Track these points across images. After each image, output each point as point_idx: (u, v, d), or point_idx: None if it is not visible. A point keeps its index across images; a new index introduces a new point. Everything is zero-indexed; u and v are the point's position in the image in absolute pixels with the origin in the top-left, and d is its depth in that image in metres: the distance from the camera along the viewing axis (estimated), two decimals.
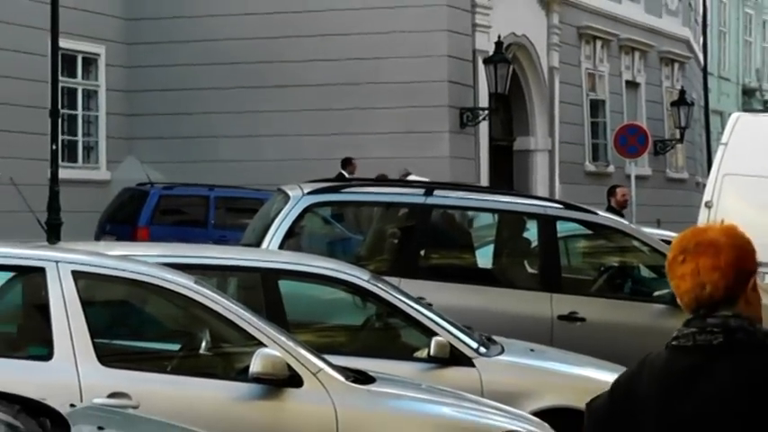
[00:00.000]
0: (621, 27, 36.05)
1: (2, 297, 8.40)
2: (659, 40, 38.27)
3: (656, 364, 3.85)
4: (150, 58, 28.82)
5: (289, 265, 9.91)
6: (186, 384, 7.75)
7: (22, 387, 6.24)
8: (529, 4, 31.13)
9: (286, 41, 27.66)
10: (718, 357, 3.75)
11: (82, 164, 28.16)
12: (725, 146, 16.36)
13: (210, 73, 28.15)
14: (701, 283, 3.84)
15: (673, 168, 38.46)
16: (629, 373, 3.94)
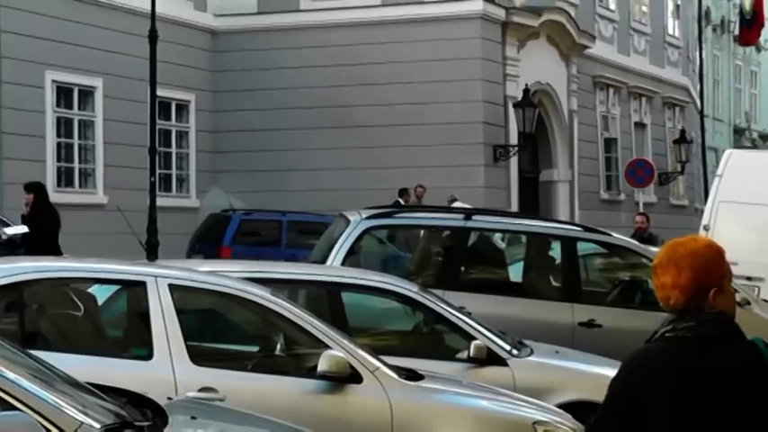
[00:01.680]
0: (630, 76, 36.04)
1: (110, 306, 8.45)
2: (663, 88, 38.24)
3: (664, 350, 4.13)
4: (232, 103, 28.96)
5: (350, 279, 9.88)
6: (264, 380, 7.74)
7: (127, 383, 6.25)
8: (551, 56, 31.13)
9: (347, 89, 27.74)
10: (716, 342, 4.10)
11: (175, 193, 28.28)
12: (720, 177, 16.31)
13: (284, 116, 28.25)
14: (666, 296, 4.14)
15: (675, 196, 38.35)
16: (639, 358, 4.18)
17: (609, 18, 35.52)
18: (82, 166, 26.02)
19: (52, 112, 25.18)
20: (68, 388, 5.48)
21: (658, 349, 4.19)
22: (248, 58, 28.75)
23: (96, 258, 9.01)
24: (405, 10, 27.90)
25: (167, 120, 27.71)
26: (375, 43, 27.79)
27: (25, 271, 8.11)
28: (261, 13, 29.23)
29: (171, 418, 5.56)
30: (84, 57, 25.22)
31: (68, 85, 25.51)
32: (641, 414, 4.13)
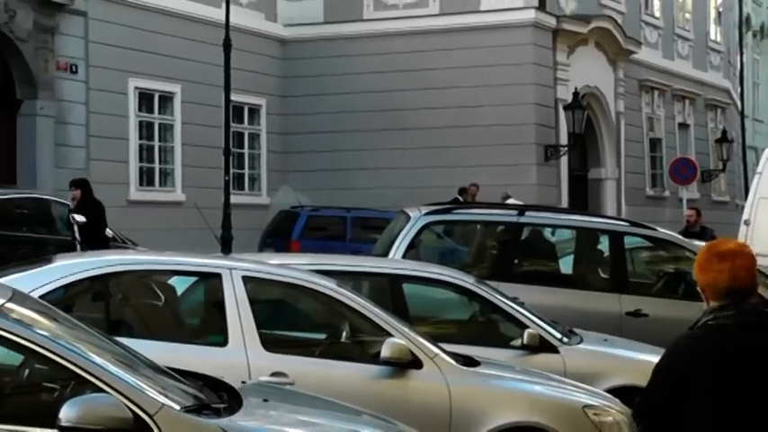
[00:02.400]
0: (674, 79, 35.78)
1: (188, 296, 8.52)
2: (705, 90, 37.93)
3: (706, 336, 4.43)
4: (301, 107, 29.03)
5: (410, 271, 9.90)
6: (331, 366, 7.78)
7: (204, 367, 6.30)
8: (599, 61, 30.96)
9: (408, 93, 27.75)
10: (753, 330, 4.39)
11: (248, 191, 28.39)
12: (759, 174, 16.12)
13: (348, 119, 28.31)
14: (734, 277, 4.39)
15: (717, 193, 38.01)
16: (683, 343, 4.53)
17: (654, 25, 35.29)
18: (162, 166, 26.20)
19: (135, 117, 25.38)
20: (150, 372, 5.54)
21: (700, 335, 4.48)
22: (315, 64, 28.82)
23: (175, 252, 9.09)
24: (461, 19, 27.85)
25: (240, 123, 27.82)
26: (433, 50, 27.75)
27: (111, 264, 8.22)
28: (327, 22, 29.30)
29: (245, 401, 5.61)
30: (164, 65, 25.40)
31: (150, 91, 25.70)
32: (683, 390, 4.42)
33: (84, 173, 23.56)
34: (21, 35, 22.55)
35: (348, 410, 6.22)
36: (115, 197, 23.72)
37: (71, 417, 4.74)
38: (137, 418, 4.90)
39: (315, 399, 6.37)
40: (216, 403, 5.48)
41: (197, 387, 5.67)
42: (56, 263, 8.09)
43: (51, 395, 5.21)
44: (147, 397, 5.05)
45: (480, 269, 12.42)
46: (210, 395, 5.61)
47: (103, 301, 8.10)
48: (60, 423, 4.75)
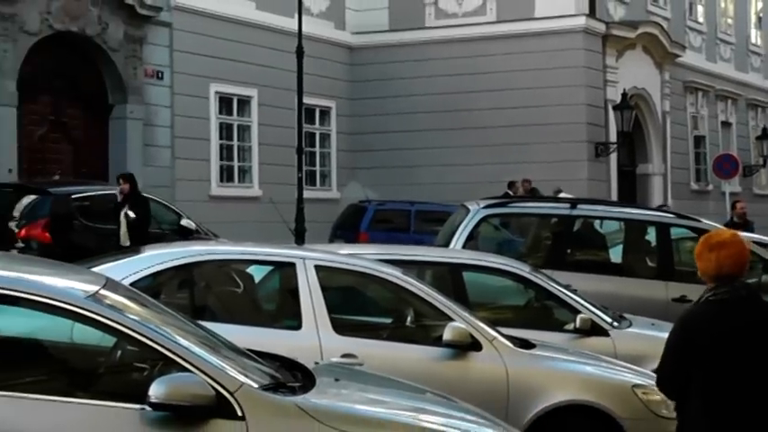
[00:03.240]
0: (717, 81, 35.52)
1: (265, 284, 8.57)
2: (746, 90, 37.60)
3: (708, 310, 5.14)
4: (368, 109, 29.11)
5: (470, 260, 9.89)
6: (397, 348, 7.79)
7: (280, 349, 6.33)
8: (646, 64, 30.76)
9: (467, 95, 27.74)
10: (744, 303, 5.14)
11: (319, 187, 28.50)
12: None
13: (412, 119, 28.35)
14: (720, 265, 5.13)
15: (758, 186, 37.64)
16: (689, 316, 5.23)
17: (698, 30, 35.03)
18: (240, 164, 26.37)
19: (216, 119, 25.56)
20: (231, 353, 5.58)
21: (703, 308, 5.17)
22: (381, 69, 28.88)
23: (253, 243, 9.14)
24: (517, 25, 27.78)
25: (312, 124, 27.92)
26: (491, 55, 27.73)
27: (195, 254, 8.27)
28: (392, 30, 29.35)
29: (318, 380, 5.63)
30: (242, 71, 25.54)
31: (229, 95, 25.86)
32: (691, 357, 5.09)
33: (169, 171, 23.82)
34: (112, 45, 22.78)
35: (413, 389, 6.23)
36: (198, 193, 23.95)
37: (160, 394, 4.80)
38: (219, 395, 4.94)
39: (382, 378, 6.39)
40: (291, 382, 5.51)
41: (274, 367, 5.70)
42: (144, 253, 8.17)
43: (141, 374, 5.26)
44: (228, 376, 5.09)
45: (535, 258, 12.38)
46: (286, 375, 5.64)
47: (188, 288, 8.17)
48: (150, 399, 4.81)
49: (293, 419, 5.06)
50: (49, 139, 22.23)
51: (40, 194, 17.14)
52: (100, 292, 5.29)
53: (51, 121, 22.32)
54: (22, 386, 4.94)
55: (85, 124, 22.94)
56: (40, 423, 4.76)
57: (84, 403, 4.90)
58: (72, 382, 5.35)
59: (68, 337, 5.41)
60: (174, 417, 4.84)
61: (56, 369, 5.51)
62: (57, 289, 5.20)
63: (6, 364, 5.28)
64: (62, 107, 22.50)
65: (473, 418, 5.83)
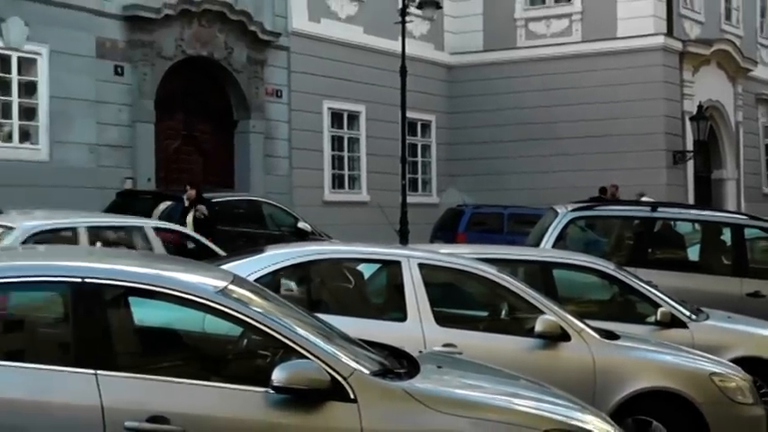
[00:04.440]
0: None
1: (373, 280, 8.57)
2: None
3: None
4: (465, 122, 29.10)
5: (559, 259, 9.78)
6: (493, 339, 7.72)
7: (387, 339, 6.33)
8: (720, 78, 30.27)
9: (556, 109, 27.57)
10: None
11: (420, 192, 28.51)
12: None
13: (505, 131, 28.26)
14: None
15: None
16: None
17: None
18: (350, 172, 26.50)
19: (328, 132, 25.72)
20: (344, 342, 5.60)
21: None
22: (477, 86, 28.85)
23: (362, 243, 9.16)
24: (600, 45, 27.51)
25: (414, 135, 27.95)
26: (577, 72, 27.53)
27: (311, 253, 8.33)
28: (486, 50, 29.30)
29: (422, 367, 5.63)
30: (352, 89, 25.68)
31: (340, 110, 26.01)
32: None
33: (287, 179, 24.04)
34: (237, 67, 23.06)
35: (508, 376, 6.20)
36: (313, 198, 24.14)
37: (281, 378, 4.85)
38: (333, 380, 4.97)
39: (480, 366, 6.37)
40: (398, 369, 5.51)
41: (382, 355, 5.71)
42: (267, 252, 8.23)
43: (265, 361, 5.30)
44: (341, 362, 5.11)
45: (619, 257, 12.21)
46: (393, 362, 5.65)
47: (305, 283, 8.22)
48: (273, 383, 4.86)
49: (400, 402, 5.07)
50: (182, 152, 22.59)
51: (174, 201, 17.40)
52: (228, 287, 5.35)
53: (184, 136, 22.67)
54: (161, 370, 5.03)
55: (214, 138, 23.25)
56: (178, 403, 4.83)
57: (215, 386, 4.97)
58: (204, 368, 5.42)
59: (200, 327, 5.48)
60: (294, 399, 4.89)
61: (190, 356, 5.59)
62: (190, 284, 5.27)
63: (147, 351, 5.38)
64: (193, 123, 22.84)
65: (563, 402, 5.79)
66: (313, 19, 25.23)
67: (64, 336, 5.15)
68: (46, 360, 4.94)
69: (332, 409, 4.93)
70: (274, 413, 4.88)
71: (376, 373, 5.25)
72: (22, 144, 19.09)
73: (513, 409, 5.37)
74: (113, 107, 20.58)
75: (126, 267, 5.38)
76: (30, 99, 19.23)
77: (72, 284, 5.04)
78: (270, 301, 5.64)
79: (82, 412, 4.72)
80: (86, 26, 19.98)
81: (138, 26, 20.90)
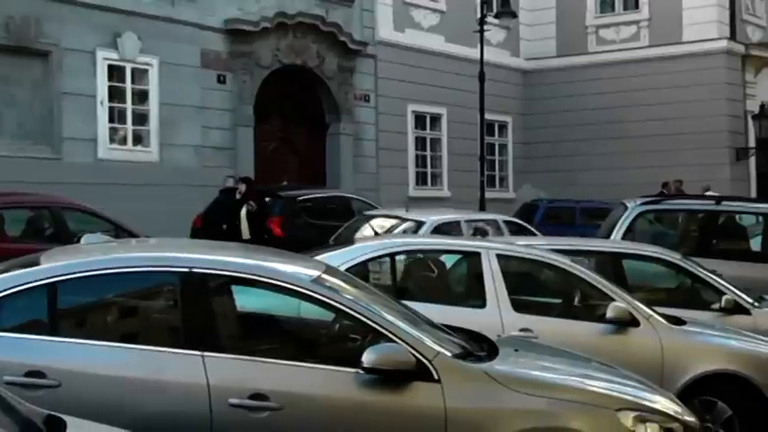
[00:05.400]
0: None
1: (455, 269, 8.56)
2: None
3: None
4: (539, 123, 28.87)
5: (628, 249, 9.69)
6: (566, 324, 7.64)
7: (468, 324, 6.32)
8: None
9: (624, 109, 27.20)
10: None
11: (498, 188, 28.31)
12: None
13: (577, 131, 27.98)
14: None
15: None
16: None
17: None
18: (432, 170, 26.46)
19: (412, 133, 25.72)
20: (428, 327, 5.61)
21: None
22: (550, 89, 28.61)
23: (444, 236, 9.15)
24: (666, 49, 27.05)
25: (491, 135, 27.80)
26: (644, 75, 27.14)
27: (397, 245, 8.36)
28: (559, 55, 29.01)
29: (500, 350, 5.62)
30: (434, 93, 25.64)
31: (423, 113, 25.98)
32: None
33: (375, 177, 24.10)
34: (328, 74, 23.18)
35: (581, 359, 6.15)
36: (398, 194, 24.13)
37: (371, 360, 4.87)
38: (419, 362, 4.98)
39: (554, 349, 6.33)
40: (478, 352, 5.51)
41: (463, 339, 5.71)
42: (356, 244, 8.29)
43: (355, 344, 5.33)
44: (426, 346, 5.12)
45: (685, 247, 11.99)
46: (473, 345, 5.64)
47: (392, 272, 8.25)
48: (363, 365, 4.88)
49: (480, 383, 5.06)
50: (279, 152, 22.76)
51: (273, 197, 17.54)
52: (321, 276, 5.39)
53: (280, 138, 22.85)
54: (261, 352, 5.08)
55: (307, 140, 23.40)
56: (277, 382, 4.88)
57: (309, 367, 5.01)
58: (300, 350, 5.47)
59: (296, 313, 5.54)
60: (382, 379, 4.90)
61: (287, 339, 5.65)
62: (287, 273, 5.32)
63: (248, 335, 5.45)
64: (289, 126, 23.01)
65: (633, 384, 5.74)
66: (398, 29, 25.25)
67: (174, 321, 5.24)
68: (158, 343, 5.04)
69: (417, 388, 4.94)
70: (364, 392, 4.90)
71: (458, 355, 5.25)
72: (135, 147, 19.42)
73: (587, 390, 5.33)
74: (216, 112, 20.83)
75: (229, 258, 5.45)
76: (142, 106, 19.55)
77: (181, 274, 5.12)
78: (360, 289, 5.67)
79: (190, 390, 4.80)
80: (192, 39, 20.26)
81: (238, 38, 21.12)
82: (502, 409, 4.99)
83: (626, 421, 5.17)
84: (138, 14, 19.14)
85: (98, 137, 18.63)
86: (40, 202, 13.25)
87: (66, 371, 4.78)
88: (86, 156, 18.39)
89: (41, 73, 17.85)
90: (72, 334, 5.06)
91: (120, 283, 5.31)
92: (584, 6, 28.73)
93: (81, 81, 18.29)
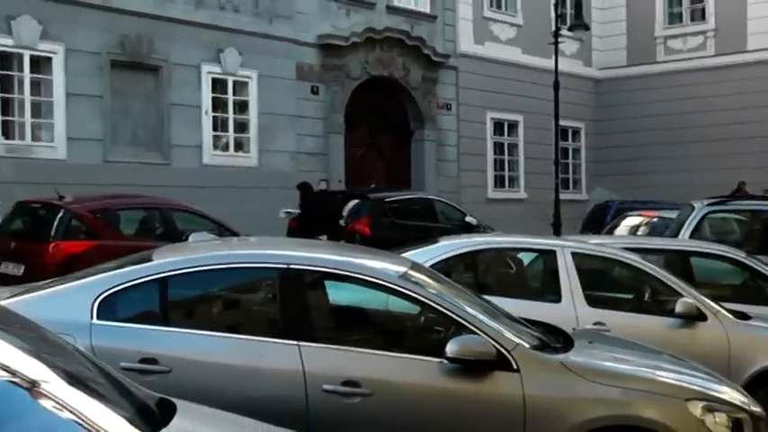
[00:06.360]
0: None
1: (531, 266, 8.47)
2: None
3: None
4: (610, 128, 28.53)
5: (696, 248, 9.46)
6: (637, 318, 7.50)
7: (544, 318, 6.27)
8: None
9: (692, 115, 26.75)
10: None
11: (571, 190, 28.06)
12: None
13: (646, 136, 27.61)
14: None
15: None
16: None
17: None
18: (510, 173, 26.29)
19: (491, 139, 25.61)
20: (507, 320, 5.57)
21: None
22: (621, 97, 28.27)
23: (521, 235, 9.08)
24: (732, 58, 26.50)
25: (565, 141, 27.55)
26: (710, 82, 26.63)
27: (478, 243, 8.32)
28: (629, 65, 28.63)
29: (575, 342, 5.56)
30: (511, 101, 25.49)
31: (501, 120, 25.85)
32: None
33: (456, 180, 24.06)
34: (413, 85, 23.20)
35: (652, 351, 6.05)
36: (478, 196, 24.08)
37: (454, 350, 4.86)
38: (499, 352, 4.95)
39: (626, 342, 6.24)
40: (554, 344, 5.46)
41: (540, 332, 5.66)
42: (440, 243, 8.26)
43: (439, 335, 5.32)
44: (506, 337, 5.09)
45: (749, 246, 11.71)
46: (550, 338, 5.59)
47: (473, 269, 8.21)
48: (447, 355, 4.87)
49: (557, 373, 5.01)
50: (367, 158, 22.85)
51: (361, 199, 17.61)
52: (408, 272, 5.39)
53: (369, 144, 22.94)
54: (352, 342, 5.10)
55: (393, 146, 23.45)
56: (367, 370, 4.89)
57: (397, 356, 5.01)
58: (388, 340, 5.48)
59: (384, 306, 5.54)
60: (464, 368, 4.89)
61: (376, 330, 5.66)
62: (376, 269, 5.33)
63: (340, 326, 5.47)
64: (376, 133, 23.09)
65: (701, 375, 5.63)
66: (478, 42, 25.17)
67: (273, 313, 5.28)
68: (258, 333, 5.09)
69: (498, 377, 4.92)
70: (448, 380, 4.89)
71: (535, 347, 5.21)
72: (236, 153, 19.69)
73: (657, 380, 5.24)
74: (310, 121, 21.00)
75: (323, 255, 5.47)
76: (242, 115, 19.81)
77: (279, 270, 5.16)
78: (443, 284, 5.66)
79: (288, 376, 4.84)
80: (288, 54, 20.45)
81: (330, 52, 21.27)
82: (577, 398, 4.93)
83: (695, 411, 5.08)
84: (239, 32, 19.39)
85: (203, 144, 18.93)
86: (151, 204, 13.44)
87: (176, 358, 4.86)
88: (192, 161, 18.70)
89: (153, 86, 18.20)
90: (181, 324, 5.14)
91: (224, 278, 5.38)
92: (653, 18, 28.30)
93: (188, 93, 18.60)
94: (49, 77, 16.60)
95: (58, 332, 4.00)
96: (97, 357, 4.02)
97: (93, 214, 12.22)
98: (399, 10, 23.07)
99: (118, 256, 6.00)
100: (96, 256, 8.70)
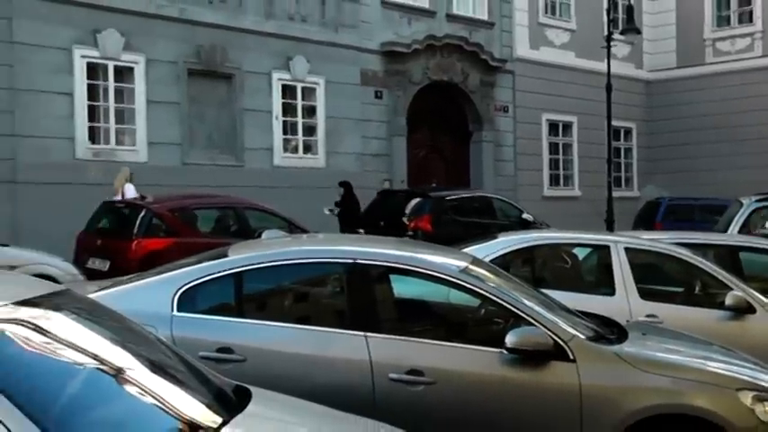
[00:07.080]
0: None
1: (586, 261, 8.40)
2: None
3: None
4: (661, 128, 28.11)
5: (744, 243, 9.29)
6: (688, 311, 7.36)
7: (599, 311, 6.21)
8: None
9: (740, 114, 26.22)
10: None
11: (624, 188, 27.67)
12: None
13: (696, 135, 27.15)
14: None
15: None
16: None
17: None
18: (564, 172, 26.04)
19: (546, 139, 25.39)
20: (563, 313, 5.52)
21: None
22: (671, 97, 27.84)
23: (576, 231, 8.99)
24: None
25: (617, 140, 27.17)
26: (758, 83, 26.07)
27: (535, 239, 8.25)
28: (679, 67, 28.14)
29: (629, 334, 5.49)
30: (565, 103, 25.25)
31: (556, 121, 25.62)
32: None
33: (513, 179, 23.91)
34: (472, 89, 23.12)
35: (702, 342, 5.95)
36: (534, 194, 23.91)
37: (514, 341, 4.84)
38: (556, 343, 4.92)
39: (678, 333, 6.15)
40: (609, 335, 5.40)
41: (595, 324, 5.60)
42: (499, 238, 8.22)
43: (498, 327, 5.30)
44: (562, 329, 5.05)
45: None
46: (605, 329, 5.53)
47: (530, 263, 8.15)
48: (506, 345, 4.85)
49: (611, 363, 4.96)
50: (428, 159, 22.83)
51: (423, 197, 17.60)
52: (468, 266, 5.37)
53: (429, 146, 22.91)
54: (416, 333, 5.10)
55: (453, 147, 23.39)
56: (431, 360, 4.89)
57: (459, 347, 5.00)
58: (450, 331, 5.47)
59: (446, 299, 5.53)
60: (523, 359, 4.86)
61: (438, 322, 5.65)
62: (438, 264, 5.33)
63: (404, 318, 5.47)
64: (436, 135, 23.05)
65: (751, 365, 5.51)
66: (533, 47, 24.98)
67: (340, 305, 5.31)
68: (327, 324, 5.12)
69: (555, 367, 4.88)
70: (507, 370, 4.87)
71: (591, 338, 5.15)
72: (305, 155, 19.81)
73: (708, 370, 5.15)
74: (374, 124, 21.04)
75: (387, 251, 5.48)
76: (310, 119, 19.92)
77: (346, 264, 5.18)
78: (502, 278, 5.63)
79: (355, 365, 4.86)
80: (353, 60, 20.52)
81: (393, 59, 21.29)
82: (631, 387, 4.88)
83: (745, 400, 4.98)
84: (307, 40, 19.51)
85: (274, 147, 19.08)
86: (226, 203, 13.58)
87: (251, 347, 4.91)
88: (264, 163, 18.87)
89: (226, 93, 18.40)
90: (255, 316, 5.18)
91: (294, 273, 5.42)
92: (701, 21, 27.80)
93: (259, 99, 18.77)
94: (131, 86, 16.88)
95: (142, 323, 4.07)
96: (177, 347, 4.08)
97: (172, 213, 12.39)
98: (458, 18, 23.00)
99: (195, 252, 6.07)
100: (175, 253, 8.82)
